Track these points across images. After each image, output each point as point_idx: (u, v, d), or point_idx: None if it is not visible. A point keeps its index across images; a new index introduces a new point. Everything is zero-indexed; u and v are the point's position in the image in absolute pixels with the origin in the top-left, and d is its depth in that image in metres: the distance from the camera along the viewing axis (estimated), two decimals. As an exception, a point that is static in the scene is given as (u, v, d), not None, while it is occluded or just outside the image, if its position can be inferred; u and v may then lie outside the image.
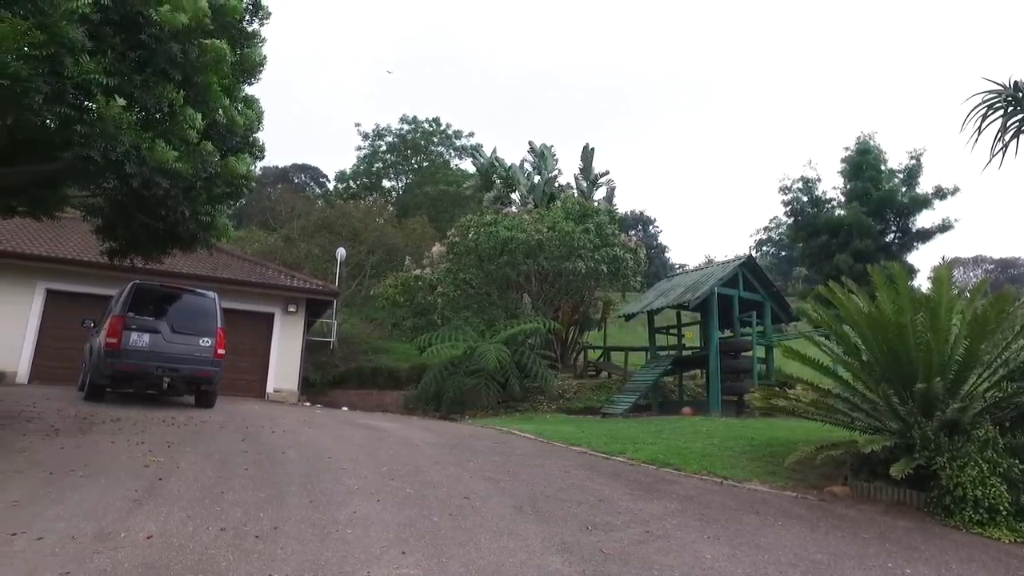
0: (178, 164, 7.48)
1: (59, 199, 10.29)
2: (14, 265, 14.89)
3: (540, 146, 27.77)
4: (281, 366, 17.68)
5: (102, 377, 10.71)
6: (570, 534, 5.20)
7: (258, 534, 4.71)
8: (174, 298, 11.53)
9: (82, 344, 13.48)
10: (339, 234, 29.94)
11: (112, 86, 7.19)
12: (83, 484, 5.69)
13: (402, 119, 49.53)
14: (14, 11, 6.22)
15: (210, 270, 17.04)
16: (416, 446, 8.99)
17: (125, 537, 4.50)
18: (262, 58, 9.49)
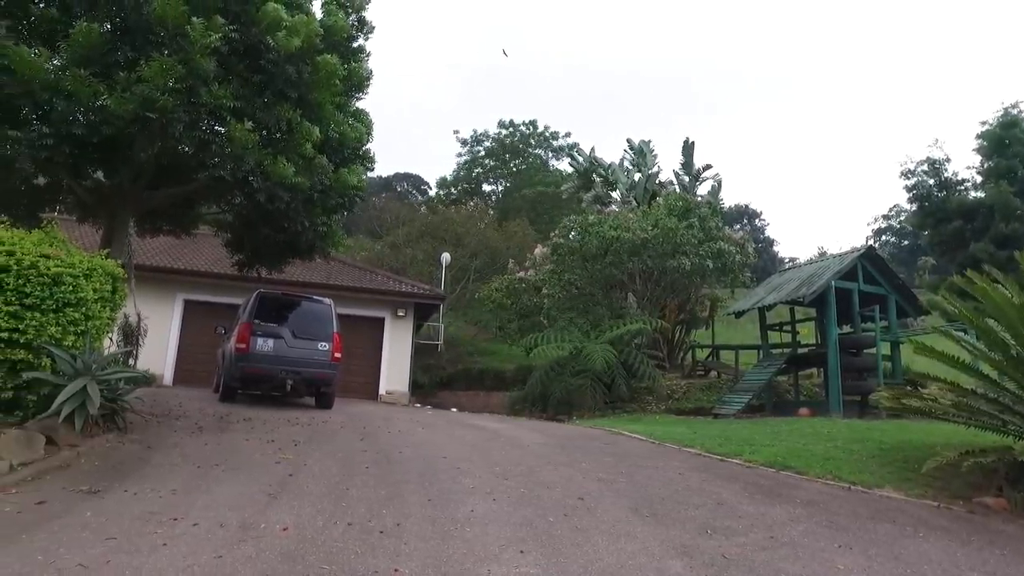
0: (297, 179, 7.97)
1: (195, 217, 11.26)
2: (158, 278, 16.34)
3: (639, 143, 27.29)
4: (392, 369, 18.37)
5: (234, 379, 11.55)
6: (689, 537, 5.07)
7: (382, 530, 4.91)
8: (294, 305, 12.25)
9: (215, 349, 14.60)
10: (442, 239, 30.73)
11: (238, 109, 7.78)
12: (226, 478, 6.16)
13: (499, 123, 50.23)
14: (160, 51, 6.86)
15: (324, 278, 17.98)
16: (526, 446, 9.07)
17: (265, 528, 4.83)
18: (369, 72, 9.94)
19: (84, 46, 7.15)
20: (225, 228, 11.02)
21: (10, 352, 6.24)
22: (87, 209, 10.63)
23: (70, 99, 7.04)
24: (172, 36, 7.11)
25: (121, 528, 4.64)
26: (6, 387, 6.33)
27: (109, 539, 4.42)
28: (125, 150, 8.00)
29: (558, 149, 49.77)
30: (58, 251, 6.68)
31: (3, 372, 6.28)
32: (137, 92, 6.95)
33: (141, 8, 7.15)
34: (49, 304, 6.44)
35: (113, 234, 9.51)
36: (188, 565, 4.05)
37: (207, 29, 7.12)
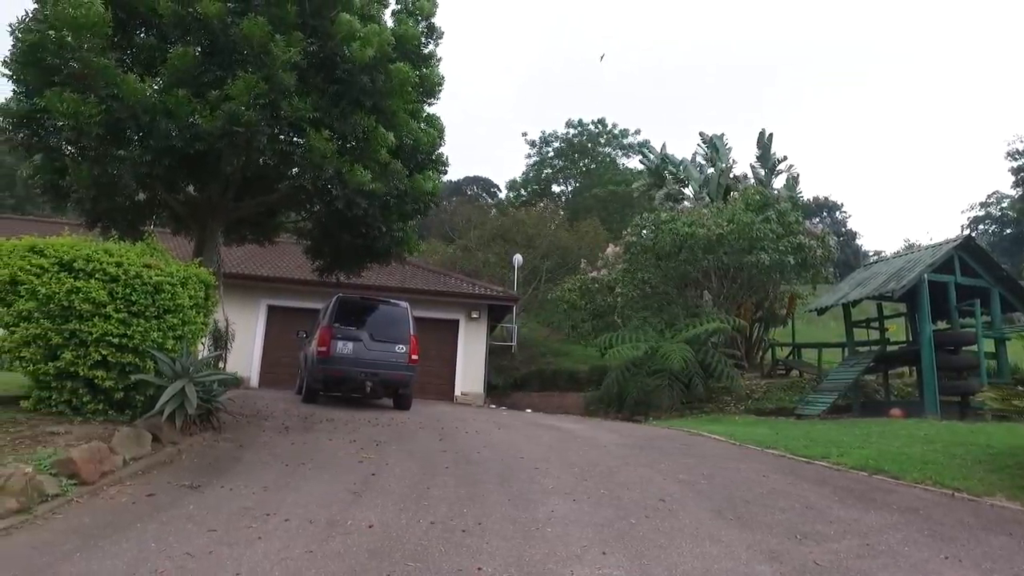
0: (373, 185, 8.20)
1: (277, 226, 11.77)
2: (244, 285, 17.14)
3: (711, 137, 26.61)
4: (467, 370, 18.61)
5: (316, 381, 11.98)
6: (777, 542, 4.90)
7: (464, 529, 4.99)
8: (372, 309, 12.60)
9: (296, 352, 15.19)
10: (513, 241, 30.89)
11: (317, 120, 8.08)
12: (312, 476, 6.41)
13: (567, 123, 50.03)
14: (245, 69, 7.22)
15: (400, 282, 18.41)
16: (604, 447, 9.00)
17: (351, 525, 4.99)
18: (440, 78, 10.13)
19: (179, 69, 7.63)
20: (305, 235, 11.48)
21: (120, 356, 6.72)
22: (180, 221, 11.29)
23: (168, 119, 7.53)
24: (256, 54, 7.49)
25: (220, 521, 4.90)
26: (118, 388, 6.82)
27: (211, 531, 4.68)
28: (214, 164, 8.47)
29: (628, 147, 49.15)
30: (158, 261, 7.14)
31: (115, 375, 6.76)
32: (225, 109, 7.37)
33: (228, 30, 7.56)
34: (151, 311, 6.89)
35: (204, 244, 10.08)
36: (282, 559, 4.24)
37: (288, 45, 7.46)
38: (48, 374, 6.67)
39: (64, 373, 6.67)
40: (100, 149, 7.90)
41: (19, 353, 6.68)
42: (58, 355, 6.63)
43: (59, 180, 9.00)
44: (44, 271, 6.62)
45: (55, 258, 6.70)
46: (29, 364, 6.70)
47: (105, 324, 6.64)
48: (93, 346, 6.62)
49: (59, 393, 6.78)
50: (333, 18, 8.11)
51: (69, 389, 6.76)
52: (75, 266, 6.68)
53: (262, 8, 7.69)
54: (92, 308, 6.61)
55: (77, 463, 5.49)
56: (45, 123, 8.10)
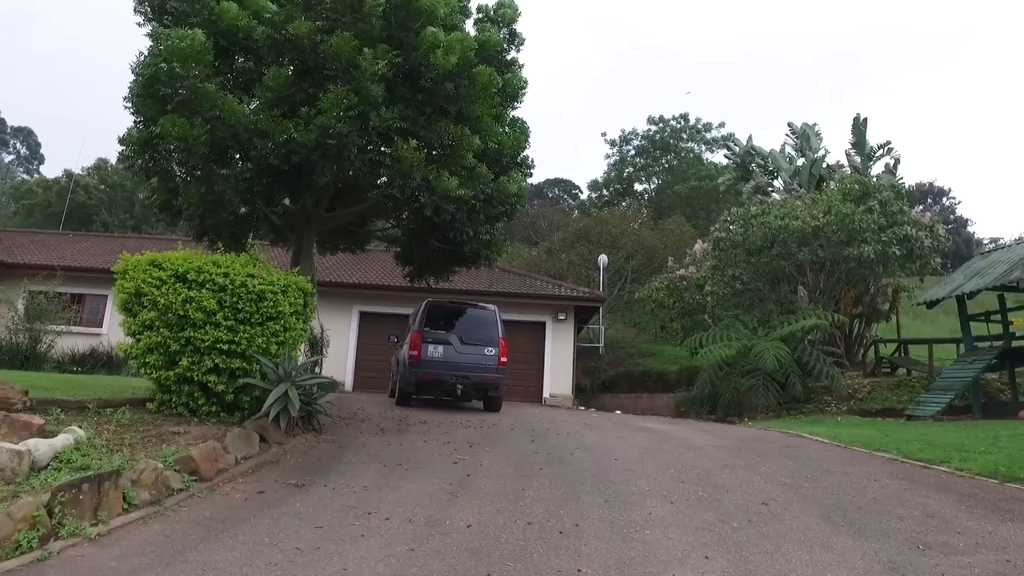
0: (460, 190, 8.35)
1: (367, 234, 12.18)
2: (337, 293, 17.83)
3: (801, 126, 25.38)
4: (555, 372, 18.59)
5: (408, 385, 12.28)
6: (897, 552, 4.59)
7: (561, 530, 4.97)
8: (460, 313, 12.80)
9: (387, 357, 15.62)
10: (597, 242, 30.62)
11: (404, 129, 8.31)
12: (409, 476, 6.57)
13: (648, 119, 49.20)
14: (335, 83, 7.54)
15: (487, 285, 18.62)
16: (699, 448, 8.76)
17: (449, 524, 5.07)
18: (523, 82, 10.18)
19: (274, 89, 8.08)
20: (395, 242, 11.83)
21: (229, 362, 7.14)
22: (278, 233, 11.89)
23: (265, 136, 7.97)
24: (344, 68, 7.80)
25: (325, 519, 5.11)
26: (228, 392, 7.25)
27: (317, 528, 4.88)
28: (308, 177, 8.90)
29: (712, 141, 47.77)
30: (260, 271, 7.54)
31: (225, 379, 7.19)
32: (318, 123, 7.73)
33: (317, 48, 7.93)
34: (256, 318, 7.28)
35: (301, 253, 10.57)
36: (385, 556, 4.36)
37: (375, 58, 7.73)
38: (168, 379, 7.18)
39: (182, 378, 7.17)
40: (206, 168, 8.49)
41: (144, 359, 7.25)
42: (176, 361, 7.12)
43: (172, 199, 9.73)
44: (163, 283, 7.14)
45: (172, 270, 7.21)
46: (152, 370, 7.24)
47: (216, 332, 7.08)
48: (206, 353, 7.08)
49: (178, 396, 7.29)
50: (417, 30, 8.33)
51: (187, 393, 7.26)
52: (188, 277, 7.17)
53: (348, 24, 8.00)
54: (204, 316, 7.07)
55: (196, 461, 5.88)
56: (160, 148, 8.80)
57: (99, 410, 7.02)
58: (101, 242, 22.09)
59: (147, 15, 9.06)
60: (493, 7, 10.38)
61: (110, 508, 4.84)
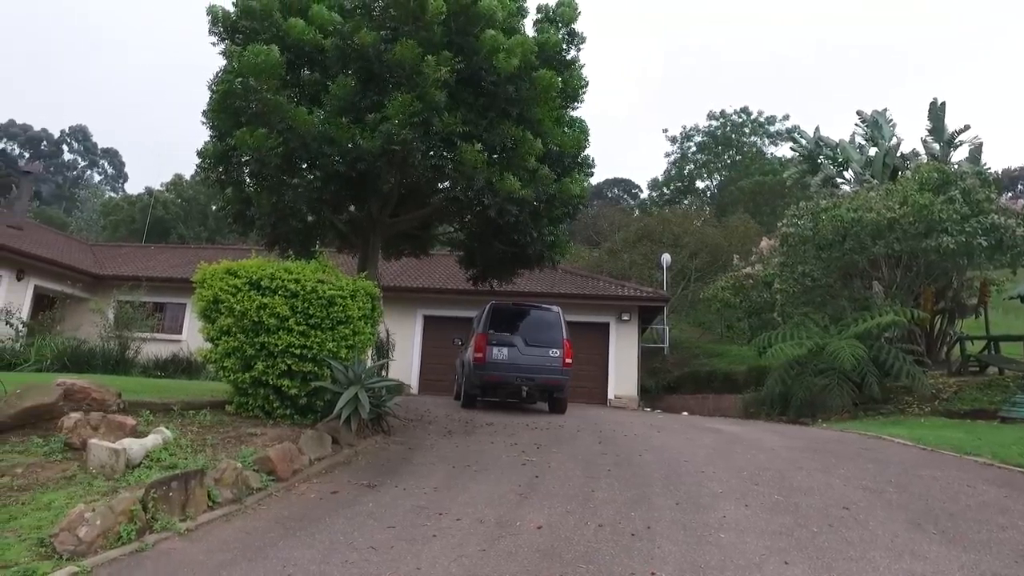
0: (523, 192, 8.37)
1: (430, 238, 12.36)
2: (401, 297, 18.16)
3: (871, 113, 24.26)
4: (619, 373, 18.38)
5: (473, 387, 12.38)
6: (1002, 565, 4.31)
7: (633, 532, 4.90)
8: (524, 314, 12.81)
9: (451, 359, 15.78)
10: (659, 241, 30.17)
11: (466, 133, 8.40)
12: (478, 477, 6.61)
13: (708, 114, 48.27)
14: (399, 89, 7.69)
15: (549, 287, 18.59)
16: (772, 450, 8.49)
17: (520, 525, 5.08)
18: (583, 81, 10.12)
19: (340, 97, 8.32)
20: (458, 246, 11.96)
21: (302, 366, 7.38)
22: (344, 239, 12.20)
23: (333, 143, 8.22)
24: (408, 75, 7.96)
25: (397, 519, 5.19)
26: (301, 395, 7.48)
27: (390, 527, 4.97)
28: (373, 183, 9.11)
29: (776, 134, 46.46)
30: (330, 276, 7.75)
31: (298, 383, 7.43)
32: (383, 129, 7.91)
33: (382, 56, 8.12)
34: (326, 323, 7.50)
35: (367, 259, 10.82)
36: (457, 556, 4.40)
37: (438, 64, 7.85)
38: (245, 382, 7.47)
39: (257, 381, 7.44)
40: (277, 179, 8.81)
41: (222, 363, 7.56)
42: (252, 365, 7.40)
43: (245, 210, 10.15)
44: (238, 290, 7.43)
45: (246, 278, 7.50)
46: (230, 373, 7.55)
47: (288, 336, 7.32)
48: (280, 357, 7.33)
49: (254, 399, 7.57)
50: (477, 34, 8.41)
51: (262, 396, 7.53)
52: (262, 284, 7.44)
53: (411, 32, 8.15)
54: (277, 322, 7.32)
55: (273, 461, 6.09)
56: (234, 160, 9.20)
57: (183, 412, 7.37)
58: (179, 253, 23.21)
59: (220, 35, 9.49)
60: (552, 7, 10.37)
61: (196, 505, 5.07)
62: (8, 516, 4.58)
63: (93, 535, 4.28)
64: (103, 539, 4.32)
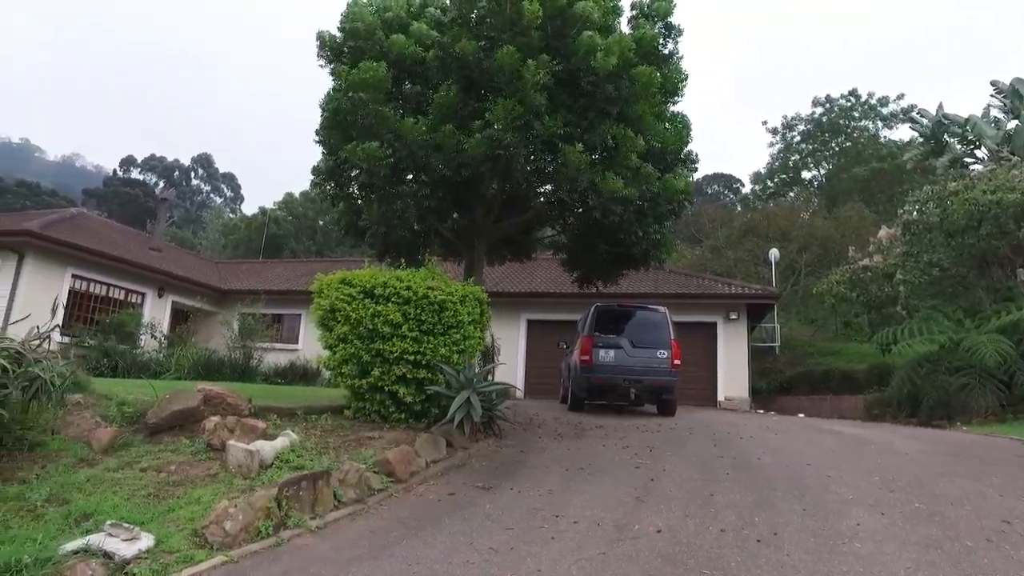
0: (627, 191, 8.25)
1: (533, 242, 12.43)
2: (505, 302, 18.31)
3: (1011, 83, 21.98)
4: (728, 374, 17.73)
5: (581, 390, 12.29)
6: None
7: (759, 538, 4.69)
8: (630, 316, 12.60)
9: (556, 363, 15.75)
10: (765, 236, 28.94)
11: (567, 135, 8.39)
12: (591, 480, 6.55)
13: (813, 101, 45.69)
14: (499, 95, 7.80)
15: (652, 287, 18.21)
16: (904, 454, 7.89)
17: (638, 529, 4.98)
18: (682, 75, 9.87)
19: (444, 106, 8.55)
20: (561, 249, 11.97)
21: (416, 372, 7.60)
22: (449, 247, 12.51)
23: (439, 150, 8.46)
24: (508, 80, 8.07)
25: (514, 520, 5.23)
26: (416, 400, 7.70)
27: (507, 529, 5.01)
28: (476, 190, 9.28)
29: (890, 117, 43.32)
30: (439, 283, 7.94)
31: (413, 388, 7.65)
32: (486, 135, 8.05)
33: (482, 64, 8.27)
34: (438, 328, 7.68)
35: (472, 265, 11.03)
36: (577, 559, 4.37)
37: (537, 68, 7.90)
38: (362, 388, 7.77)
39: (373, 387, 7.72)
40: (386, 189, 9.17)
41: (340, 370, 7.91)
42: (368, 371, 7.69)
43: (356, 221, 10.62)
44: (353, 299, 7.76)
45: (360, 287, 7.82)
46: (347, 379, 7.88)
47: (402, 343, 7.56)
48: (395, 363, 7.58)
49: (370, 404, 7.86)
50: (574, 36, 8.39)
51: (378, 401, 7.81)
52: (375, 292, 7.73)
53: (508, 39, 8.25)
54: (391, 329, 7.57)
55: (392, 463, 6.30)
56: (344, 174, 9.67)
57: (305, 416, 7.77)
58: (292, 267, 24.60)
59: (328, 58, 10.03)
60: (647, 2, 10.19)
61: (324, 504, 5.32)
62: (168, 508, 5.02)
63: (236, 529, 4.61)
64: (245, 532, 4.64)
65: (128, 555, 4.22)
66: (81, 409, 6.73)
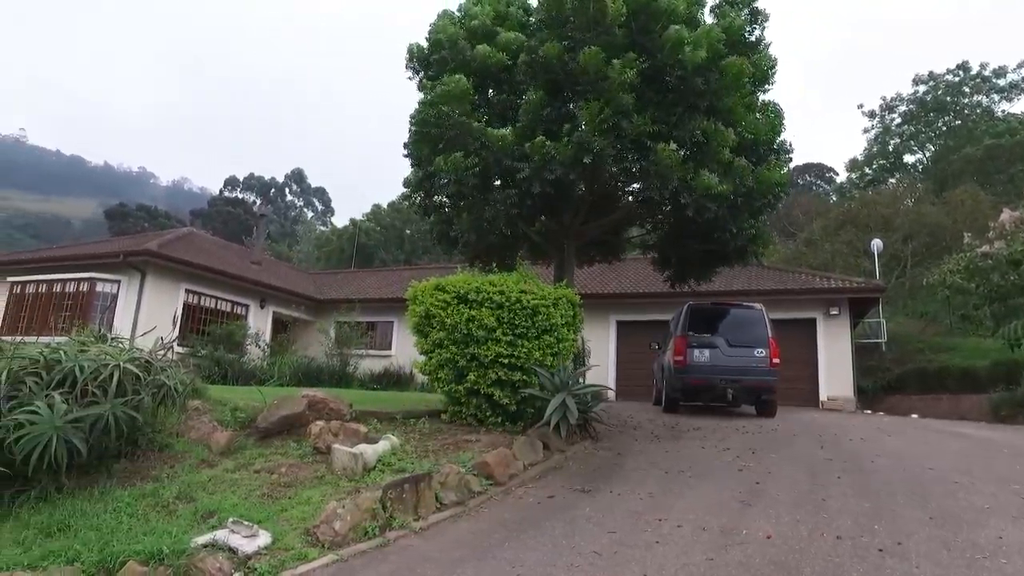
0: (721, 187, 8.00)
1: (621, 243, 12.27)
2: (594, 304, 18.10)
3: None
4: (830, 372, 16.83)
5: (675, 391, 12.00)
6: None
7: (881, 548, 4.41)
8: (724, 314, 12.20)
9: (647, 365, 15.43)
10: (864, 226, 27.37)
11: (655, 133, 8.22)
12: (693, 483, 6.37)
13: (915, 79, 42.73)
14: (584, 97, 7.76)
15: (745, 284, 17.56)
16: (1045, 460, 7.23)
17: (746, 534, 4.80)
18: (772, 62, 9.47)
19: (530, 112, 8.57)
20: (650, 248, 11.75)
21: (511, 375, 7.65)
22: (537, 252, 12.53)
23: (526, 158, 8.50)
24: (593, 81, 7.99)
25: (616, 524, 5.16)
26: (512, 403, 7.75)
27: (610, 532, 4.94)
28: (565, 192, 9.26)
29: (1007, 88, 39.90)
30: (531, 287, 7.96)
31: (508, 391, 7.71)
32: (574, 138, 8.01)
33: (566, 66, 8.24)
34: (532, 332, 7.71)
35: (563, 268, 11.00)
36: (684, 564, 4.26)
37: (623, 67, 7.80)
38: (458, 392, 7.90)
39: (470, 391, 7.83)
40: (475, 197, 9.30)
41: (436, 375, 8.07)
42: (464, 376, 7.81)
43: (448, 230, 10.83)
44: (447, 305, 7.90)
45: (454, 293, 7.95)
46: (444, 383, 8.03)
47: (496, 347, 7.63)
48: (490, 367, 7.66)
49: (467, 407, 7.98)
50: (659, 31, 8.23)
51: (474, 404, 7.91)
52: (469, 297, 7.84)
53: (592, 38, 8.18)
54: (485, 333, 7.66)
55: (491, 466, 6.36)
56: (433, 186, 9.90)
57: (404, 420, 7.98)
58: (382, 276, 25.36)
59: (415, 69, 10.30)
60: (731, -10, 9.86)
61: (426, 506, 5.44)
62: (281, 508, 5.27)
63: (345, 529, 4.78)
64: (352, 532, 4.81)
65: (249, 551, 4.47)
66: (200, 414, 7.18)
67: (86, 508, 5.18)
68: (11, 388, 5.59)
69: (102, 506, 5.22)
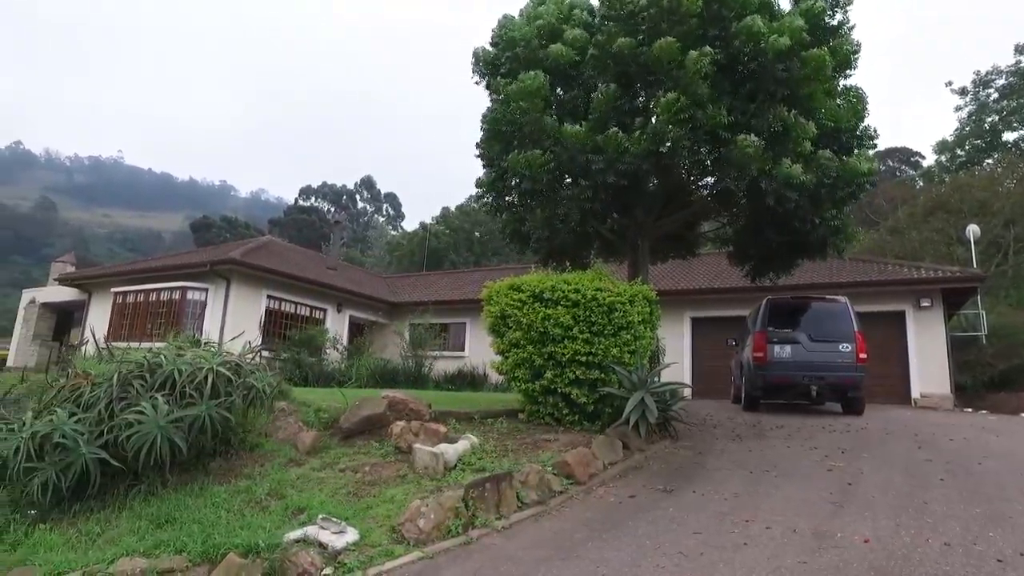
0: (803, 176, 7.70)
1: (696, 237, 11.99)
2: (668, 301, 17.71)
3: None
4: (923, 368, 15.89)
5: (755, 388, 11.61)
6: None
7: (1000, 558, 4.14)
8: (806, 308, 11.72)
9: (724, 362, 14.99)
10: (957, 211, 25.71)
11: (731, 124, 7.99)
12: (780, 483, 6.15)
13: (1017, 49, 39.63)
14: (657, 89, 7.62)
15: (827, 276, 16.80)
16: None
17: (841, 537, 4.59)
18: (854, 46, 9.02)
19: (603, 107, 8.49)
20: (727, 242, 11.42)
21: (588, 373, 7.60)
22: (610, 249, 12.40)
23: (600, 152, 8.42)
24: (667, 71, 7.83)
25: (701, 524, 5.03)
26: (590, 401, 7.70)
27: (695, 533, 4.83)
28: (638, 187, 9.13)
29: None
30: (607, 284, 7.88)
31: (586, 390, 7.66)
32: (648, 131, 7.89)
33: (639, 57, 8.11)
34: (608, 329, 7.63)
35: (637, 264, 10.84)
36: (775, 567, 4.11)
37: (699, 56, 7.61)
38: (535, 391, 7.90)
39: (547, 390, 7.83)
40: (548, 194, 9.30)
41: (513, 374, 8.10)
42: (541, 375, 7.81)
43: (520, 228, 10.88)
44: (523, 304, 7.92)
45: (529, 292, 7.96)
46: (520, 383, 8.05)
47: (573, 345, 7.60)
48: (567, 365, 7.63)
49: (544, 407, 7.98)
50: (734, 19, 7.98)
51: (551, 403, 7.90)
52: (544, 296, 7.83)
53: (666, 29, 8.02)
54: (562, 331, 7.64)
55: (571, 465, 6.33)
56: (505, 184, 9.96)
57: (482, 420, 8.04)
58: (453, 278, 25.68)
59: (482, 72, 10.39)
60: (809, -27, 9.44)
61: (508, 505, 5.46)
62: (366, 506, 5.41)
63: (429, 527, 4.86)
64: (436, 530, 4.88)
65: (338, 547, 4.61)
66: (286, 415, 7.45)
67: (188, 503, 5.49)
68: (121, 390, 6.01)
69: (202, 501, 5.53)
